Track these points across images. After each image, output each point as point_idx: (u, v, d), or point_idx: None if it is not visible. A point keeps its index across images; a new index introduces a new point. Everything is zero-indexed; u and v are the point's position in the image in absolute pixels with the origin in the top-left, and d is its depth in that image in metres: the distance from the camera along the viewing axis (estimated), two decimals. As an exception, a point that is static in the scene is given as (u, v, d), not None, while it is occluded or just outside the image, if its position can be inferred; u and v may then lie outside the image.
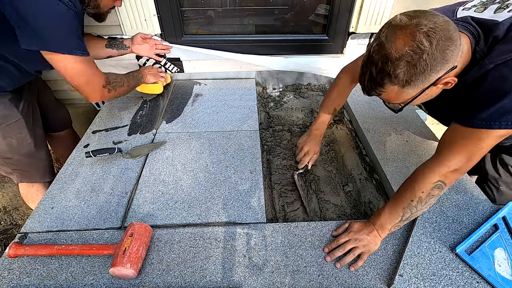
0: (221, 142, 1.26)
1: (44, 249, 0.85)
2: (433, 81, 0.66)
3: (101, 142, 1.26)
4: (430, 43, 0.61)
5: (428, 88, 0.67)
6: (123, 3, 1.37)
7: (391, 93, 0.70)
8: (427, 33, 0.61)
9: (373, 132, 1.31)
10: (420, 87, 0.67)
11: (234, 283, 0.80)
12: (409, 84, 0.66)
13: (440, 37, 0.61)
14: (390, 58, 0.64)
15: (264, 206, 1.00)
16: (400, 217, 0.82)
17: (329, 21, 1.57)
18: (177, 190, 1.06)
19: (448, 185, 0.77)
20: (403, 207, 0.80)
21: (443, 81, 0.67)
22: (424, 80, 0.65)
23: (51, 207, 1.00)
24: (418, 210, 0.80)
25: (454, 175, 0.75)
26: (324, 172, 1.22)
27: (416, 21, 0.62)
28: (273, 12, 1.59)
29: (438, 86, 0.69)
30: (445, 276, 0.81)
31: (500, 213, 0.95)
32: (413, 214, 0.81)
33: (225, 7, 1.54)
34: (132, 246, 0.80)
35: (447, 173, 0.75)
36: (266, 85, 1.74)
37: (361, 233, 0.86)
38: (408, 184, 0.81)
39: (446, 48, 0.62)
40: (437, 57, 0.62)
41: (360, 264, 0.84)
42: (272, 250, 0.88)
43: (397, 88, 0.68)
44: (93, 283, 0.80)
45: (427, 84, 0.66)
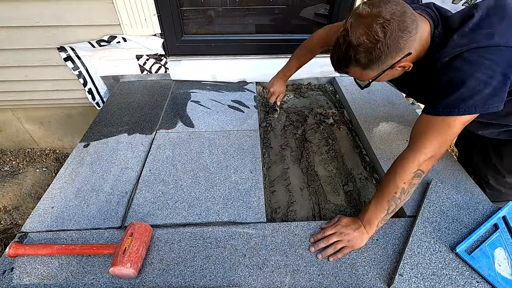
0: (221, 142, 1.26)
1: (44, 249, 0.85)
2: (389, 65, 0.75)
3: (101, 141, 1.26)
4: (385, 34, 0.69)
5: (386, 70, 0.76)
6: (123, 3, 1.37)
7: (355, 73, 0.81)
8: (383, 24, 0.68)
9: (373, 131, 1.31)
10: (379, 69, 0.76)
11: (234, 283, 0.80)
12: (368, 67, 0.76)
13: (394, 28, 0.69)
14: (351, 45, 0.73)
15: (264, 205, 1.00)
16: (386, 210, 0.84)
17: (329, 21, 1.57)
18: (177, 190, 1.06)
19: (426, 172, 0.81)
20: (388, 200, 0.83)
21: (399, 65, 0.76)
22: (381, 64, 0.74)
23: (51, 206, 1.00)
24: (402, 200, 0.83)
25: (430, 161, 0.80)
26: (324, 172, 1.22)
27: (376, 11, 0.70)
28: (273, 12, 1.58)
29: (397, 69, 0.77)
30: (445, 276, 0.81)
31: (500, 212, 0.95)
32: (398, 206, 0.83)
33: (225, 6, 1.54)
34: (132, 245, 0.80)
35: (424, 161, 0.79)
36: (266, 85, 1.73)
37: (348, 228, 0.88)
38: (389, 177, 0.84)
39: (399, 38, 0.70)
40: (390, 45, 0.70)
41: (339, 257, 0.85)
42: (272, 250, 0.88)
43: (359, 69, 0.78)
44: (93, 283, 0.80)
45: (385, 67, 0.76)
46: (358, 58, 0.74)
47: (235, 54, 1.65)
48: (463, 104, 0.73)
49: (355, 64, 0.76)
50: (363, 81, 0.85)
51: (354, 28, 0.72)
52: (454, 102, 0.73)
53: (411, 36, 0.71)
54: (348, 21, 0.74)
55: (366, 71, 0.78)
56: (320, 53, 1.66)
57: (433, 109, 0.78)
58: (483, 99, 0.72)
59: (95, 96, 1.57)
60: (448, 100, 0.74)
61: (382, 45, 0.70)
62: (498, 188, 1.12)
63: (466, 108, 0.73)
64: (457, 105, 0.73)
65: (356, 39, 0.71)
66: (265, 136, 1.39)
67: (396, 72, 0.80)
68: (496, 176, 1.11)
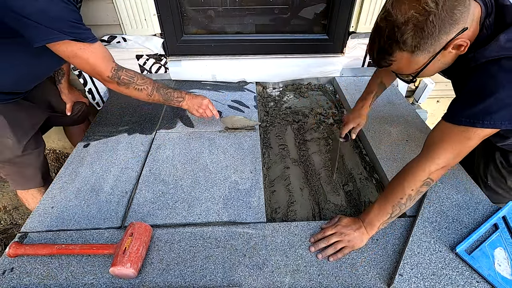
0: (221, 142, 1.26)
1: (44, 249, 0.85)
2: (443, 44, 0.64)
3: (101, 141, 1.26)
4: (436, 3, 0.59)
5: (439, 53, 0.65)
6: (123, 2, 1.37)
7: (401, 61, 0.69)
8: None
9: (373, 131, 1.31)
10: (431, 52, 0.65)
11: (234, 283, 0.80)
12: (418, 49, 0.64)
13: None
14: (396, 24, 0.63)
15: (264, 205, 1.00)
16: (389, 215, 0.83)
17: (329, 20, 1.57)
18: (177, 190, 1.06)
19: (435, 181, 0.79)
20: (392, 205, 0.81)
21: (454, 43, 0.64)
22: (434, 43, 0.64)
23: (51, 206, 1.00)
24: (406, 206, 0.81)
25: (442, 171, 0.77)
26: (324, 172, 1.22)
27: None
28: (273, 12, 1.58)
29: (450, 51, 0.66)
30: (445, 276, 0.82)
31: (500, 212, 0.95)
32: (401, 211, 0.82)
33: (225, 6, 1.54)
34: (132, 245, 0.80)
35: (436, 170, 0.76)
36: (266, 85, 1.74)
37: (348, 228, 0.87)
38: (397, 182, 0.82)
39: (453, 7, 0.60)
40: (445, 17, 0.60)
41: (340, 257, 0.85)
42: (272, 250, 0.88)
43: (407, 55, 0.66)
44: (93, 283, 0.80)
45: (438, 48, 0.64)
46: (405, 39, 0.63)
47: (235, 54, 1.65)
48: (489, 117, 0.66)
49: (402, 48, 0.65)
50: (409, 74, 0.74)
51: (397, 5, 0.62)
52: (479, 113, 0.67)
53: (465, 7, 0.61)
54: (388, 1, 0.65)
55: (415, 56, 0.66)
56: (320, 53, 1.68)
57: (454, 116, 0.72)
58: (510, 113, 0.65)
59: (95, 96, 1.57)
60: (474, 110, 0.67)
61: (435, 17, 0.59)
62: (496, 189, 1.11)
63: (492, 122, 0.66)
64: (482, 117, 0.66)
65: (403, 15, 0.61)
66: (265, 136, 1.39)
67: (450, 56, 0.68)
68: (496, 178, 1.09)
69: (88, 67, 0.97)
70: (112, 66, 1.02)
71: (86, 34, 0.93)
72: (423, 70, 0.70)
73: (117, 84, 1.04)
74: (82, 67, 0.98)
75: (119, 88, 1.06)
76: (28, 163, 1.18)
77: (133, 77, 1.07)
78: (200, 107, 1.23)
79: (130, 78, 1.06)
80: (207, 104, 1.24)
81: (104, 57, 1.00)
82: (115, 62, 1.04)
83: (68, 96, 1.39)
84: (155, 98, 1.14)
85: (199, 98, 1.24)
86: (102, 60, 0.99)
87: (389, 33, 0.65)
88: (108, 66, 1.01)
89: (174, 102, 1.19)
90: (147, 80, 1.11)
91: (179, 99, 1.20)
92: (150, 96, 1.12)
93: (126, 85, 1.06)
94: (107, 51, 1.01)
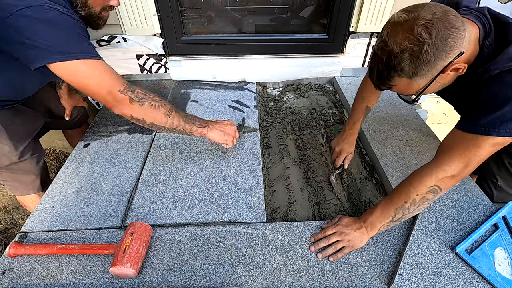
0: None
1: (44, 249, 0.85)
2: (441, 69, 0.67)
3: (101, 141, 1.26)
4: (430, 34, 0.62)
5: (437, 76, 0.68)
6: (123, 2, 1.37)
7: (400, 85, 0.72)
8: (425, 25, 0.62)
9: (373, 131, 1.31)
10: (429, 76, 0.68)
11: (234, 283, 0.80)
12: (416, 75, 0.67)
13: (439, 27, 0.62)
14: (393, 53, 0.66)
15: (264, 205, 1.00)
16: (391, 217, 0.82)
17: (329, 20, 1.57)
18: (177, 190, 1.06)
19: (444, 191, 0.77)
20: (396, 208, 0.81)
21: (452, 68, 0.67)
22: (431, 69, 0.66)
23: (51, 206, 1.00)
24: (410, 212, 0.80)
25: (451, 181, 0.75)
26: (324, 172, 1.22)
27: (414, 15, 0.64)
28: (273, 12, 1.58)
29: (449, 73, 0.69)
30: (445, 276, 0.82)
31: (500, 212, 0.95)
32: (404, 216, 0.81)
33: (225, 6, 1.54)
34: (132, 245, 0.80)
35: (444, 178, 0.75)
36: (266, 85, 1.74)
37: (349, 228, 0.87)
38: (403, 185, 0.81)
39: (447, 36, 0.63)
40: (439, 46, 0.63)
41: (340, 256, 0.85)
42: (272, 250, 0.88)
43: (406, 80, 0.69)
44: (93, 283, 0.80)
45: (435, 72, 0.67)
46: (403, 67, 0.66)
47: (235, 54, 1.65)
48: (505, 125, 0.66)
49: (400, 74, 0.68)
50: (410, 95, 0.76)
51: (392, 36, 0.66)
52: (495, 121, 0.67)
53: (460, 33, 0.64)
54: (383, 31, 0.68)
55: (414, 81, 0.69)
56: (320, 53, 1.68)
57: (469, 124, 0.72)
58: None
59: (95, 96, 1.57)
60: (489, 118, 0.67)
61: (429, 47, 0.62)
62: (506, 190, 1.10)
63: (507, 130, 0.66)
64: (498, 125, 0.66)
65: (398, 45, 0.65)
66: (265, 136, 1.39)
67: (448, 77, 0.71)
68: (506, 178, 1.08)
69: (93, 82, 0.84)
70: (124, 82, 0.90)
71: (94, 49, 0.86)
72: (423, 91, 0.73)
73: (129, 100, 0.88)
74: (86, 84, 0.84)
75: (131, 106, 0.89)
76: (25, 170, 1.16)
77: (149, 94, 0.94)
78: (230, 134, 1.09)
79: (146, 94, 0.93)
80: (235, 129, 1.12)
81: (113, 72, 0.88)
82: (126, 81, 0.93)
83: (67, 101, 1.36)
84: (175, 120, 0.97)
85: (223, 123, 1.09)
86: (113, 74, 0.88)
87: (387, 61, 0.68)
88: (120, 80, 0.89)
89: (197, 126, 1.03)
90: (164, 100, 0.97)
91: (203, 124, 1.04)
92: (168, 116, 0.95)
93: (140, 101, 0.90)
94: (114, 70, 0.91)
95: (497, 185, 1.11)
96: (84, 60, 0.82)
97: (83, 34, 0.86)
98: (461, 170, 0.74)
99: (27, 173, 1.17)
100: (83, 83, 0.85)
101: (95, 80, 0.85)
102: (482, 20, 0.71)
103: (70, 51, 0.80)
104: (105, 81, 0.86)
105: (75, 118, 1.44)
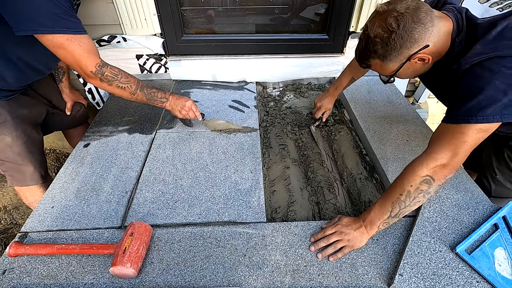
0: (221, 142, 1.26)
1: (44, 249, 0.85)
2: (407, 57, 0.79)
3: (101, 141, 1.26)
4: (398, 25, 0.74)
5: (405, 63, 0.80)
6: (123, 2, 1.37)
7: (376, 65, 0.85)
8: (396, 17, 0.74)
9: (373, 131, 1.31)
10: (398, 62, 0.81)
11: (234, 283, 0.80)
12: (386, 58, 0.80)
13: (407, 20, 0.73)
14: (370, 37, 0.80)
15: (264, 205, 1.00)
16: (389, 213, 0.83)
17: (329, 20, 1.57)
18: (177, 190, 1.06)
19: (437, 182, 0.79)
20: (392, 202, 0.82)
21: (417, 57, 0.79)
22: (399, 55, 0.78)
23: (51, 206, 1.00)
24: (407, 206, 0.81)
25: (442, 170, 0.78)
26: (324, 172, 1.22)
27: (392, 7, 0.76)
28: (273, 12, 1.58)
29: (416, 62, 0.81)
30: (445, 276, 0.82)
31: (500, 212, 0.95)
32: (401, 210, 0.82)
33: (225, 6, 1.54)
34: (132, 245, 0.80)
35: (436, 167, 0.78)
36: (266, 85, 1.74)
37: (348, 228, 0.88)
38: (397, 180, 0.84)
39: (412, 29, 0.74)
40: (404, 36, 0.75)
41: (340, 256, 0.85)
42: (272, 250, 0.88)
43: (379, 61, 0.83)
44: (93, 282, 0.80)
45: (403, 59, 0.79)
46: (376, 49, 0.79)
47: (235, 54, 1.65)
48: (482, 112, 0.72)
49: (374, 56, 0.81)
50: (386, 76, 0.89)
51: (372, 23, 0.79)
52: (472, 110, 0.73)
53: (426, 29, 0.75)
54: (369, 19, 0.81)
55: (385, 64, 0.82)
56: (320, 53, 1.68)
57: (451, 116, 0.78)
58: (500, 108, 0.71)
59: (95, 95, 1.57)
60: (466, 108, 0.74)
61: (396, 36, 0.75)
62: (504, 183, 1.12)
63: (485, 117, 0.72)
64: (475, 113, 0.72)
65: (373, 32, 0.78)
66: (265, 136, 1.39)
67: (417, 66, 0.83)
68: (505, 171, 1.10)
69: (72, 60, 0.95)
70: (97, 61, 1.00)
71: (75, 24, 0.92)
72: (395, 74, 0.85)
73: (99, 80, 1.02)
74: (66, 58, 0.95)
75: (101, 84, 1.04)
76: (27, 161, 1.19)
77: (117, 75, 1.05)
78: (183, 109, 1.22)
79: (114, 76, 1.05)
80: (190, 105, 1.23)
81: (90, 51, 0.98)
82: (101, 59, 1.02)
83: (69, 95, 1.39)
84: (138, 97, 1.12)
85: (182, 99, 1.23)
86: (88, 54, 0.97)
87: (365, 43, 0.82)
88: (94, 61, 0.99)
89: (158, 102, 1.18)
90: (131, 79, 1.09)
91: (163, 100, 1.19)
92: (133, 95, 1.10)
93: (109, 82, 1.04)
94: (94, 45, 1.00)
95: (496, 179, 1.13)
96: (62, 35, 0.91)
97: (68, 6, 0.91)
98: (450, 158, 0.77)
99: (29, 164, 1.20)
100: (62, 58, 0.96)
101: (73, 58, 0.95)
102: (457, 18, 0.79)
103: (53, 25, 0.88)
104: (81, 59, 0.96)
105: (76, 114, 1.45)
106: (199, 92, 1.59)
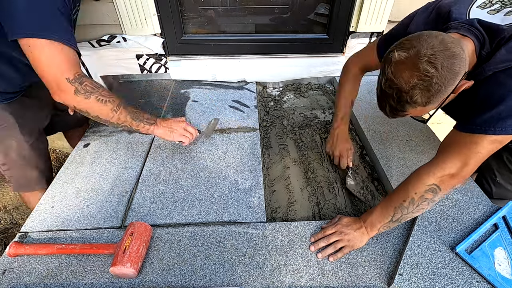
0: (221, 142, 1.26)
1: (44, 248, 0.85)
2: (450, 92, 0.68)
3: (101, 141, 1.26)
4: (436, 68, 0.63)
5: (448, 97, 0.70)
6: (123, 2, 1.37)
7: (415, 112, 0.73)
8: (429, 60, 0.63)
9: (373, 131, 1.31)
10: (442, 99, 0.69)
11: (234, 283, 0.80)
12: (429, 103, 0.69)
13: (443, 59, 0.63)
14: (403, 90, 0.67)
15: (264, 205, 1.00)
16: (390, 217, 0.82)
17: (329, 20, 1.57)
18: (177, 189, 1.06)
19: (443, 191, 0.77)
20: (395, 207, 0.81)
21: (460, 89, 0.70)
22: (443, 95, 0.68)
23: (51, 206, 1.00)
24: (409, 212, 0.80)
25: (450, 180, 0.76)
26: (324, 172, 1.22)
27: (414, 52, 0.65)
28: (273, 12, 1.58)
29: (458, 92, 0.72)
30: (445, 276, 0.82)
31: (500, 212, 0.95)
32: (403, 216, 0.81)
33: (225, 6, 1.54)
34: (132, 245, 0.80)
35: (443, 177, 0.75)
36: (266, 84, 1.74)
37: (348, 228, 0.87)
38: (402, 185, 0.82)
39: (452, 65, 0.64)
40: (447, 76, 0.64)
41: (340, 256, 0.85)
42: (272, 250, 0.88)
43: (420, 108, 0.71)
44: (93, 282, 0.80)
45: (446, 95, 0.69)
46: (415, 99, 0.68)
47: (235, 54, 1.65)
48: (501, 123, 0.67)
49: (414, 106, 0.70)
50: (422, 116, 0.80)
51: (398, 74, 0.67)
52: (491, 120, 0.69)
53: (462, 58, 0.66)
54: (387, 70, 0.70)
55: (427, 107, 0.71)
56: (320, 53, 1.68)
57: (466, 125, 0.74)
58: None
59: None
60: (484, 117, 0.69)
61: (438, 79, 0.64)
62: (505, 185, 1.11)
63: (503, 128, 0.68)
64: (494, 124, 0.68)
65: (406, 83, 0.66)
66: (265, 136, 1.39)
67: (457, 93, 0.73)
68: (505, 173, 1.09)
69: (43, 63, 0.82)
70: (78, 71, 0.87)
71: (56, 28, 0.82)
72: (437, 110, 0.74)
73: (74, 90, 0.85)
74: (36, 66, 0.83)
75: (74, 98, 0.86)
76: (33, 165, 1.17)
77: (99, 87, 0.92)
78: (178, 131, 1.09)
79: (95, 87, 0.90)
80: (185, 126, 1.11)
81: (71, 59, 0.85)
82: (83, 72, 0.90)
83: None
84: (121, 116, 0.96)
85: (171, 119, 1.10)
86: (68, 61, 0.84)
87: (398, 97, 0.69)
88: (73, 69, 0.85)
89: (144, 123, 1.02)
90: (113, 95, 0.95)
91: (150, 121, 1.04)
92: (115, 112, 0.94)
93: (86, 94, 0.87)
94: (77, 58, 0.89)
95: (496, 181, 1.12)
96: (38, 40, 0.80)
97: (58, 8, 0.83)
98: (460, 169, 0.74)
99: (35, 169, 1.18)
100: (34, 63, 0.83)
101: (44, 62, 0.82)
102: (474, 32, 0.72)
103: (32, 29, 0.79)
104: (54, 65, 0.83)
105: (78, 114, 1.44)
106: (199, 92, 1.59)
